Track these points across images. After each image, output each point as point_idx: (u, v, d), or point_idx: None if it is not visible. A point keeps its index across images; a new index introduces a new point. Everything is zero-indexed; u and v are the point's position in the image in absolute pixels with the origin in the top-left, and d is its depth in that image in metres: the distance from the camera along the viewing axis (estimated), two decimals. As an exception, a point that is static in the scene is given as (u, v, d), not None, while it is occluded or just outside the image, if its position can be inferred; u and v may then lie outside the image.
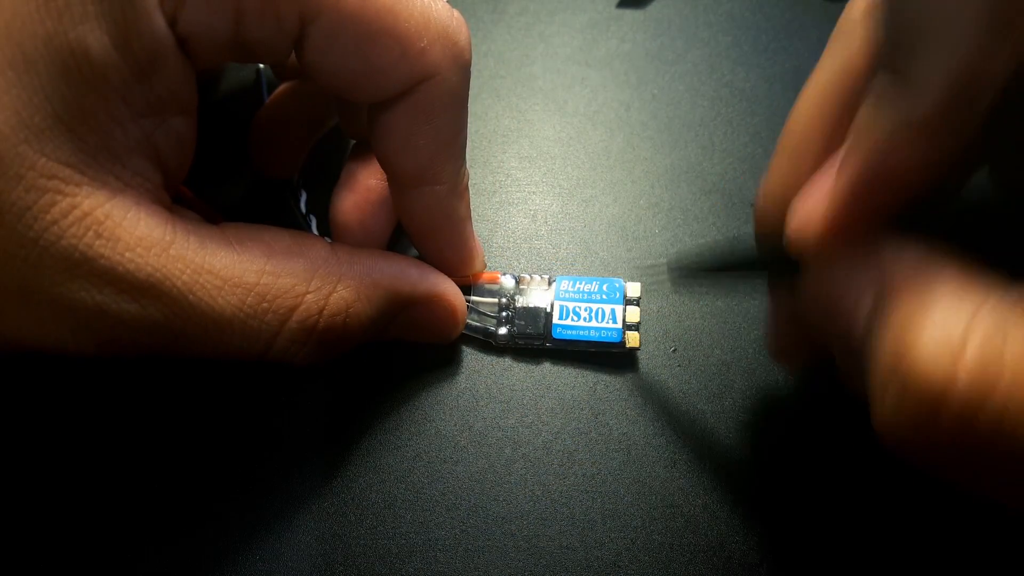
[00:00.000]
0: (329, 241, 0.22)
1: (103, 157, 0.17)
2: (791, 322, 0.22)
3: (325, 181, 0.26)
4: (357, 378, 0.25)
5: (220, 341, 0.19)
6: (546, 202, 0.29)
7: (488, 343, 0.25)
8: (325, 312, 0.20)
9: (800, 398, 0.25)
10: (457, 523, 0.23)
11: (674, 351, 0.25)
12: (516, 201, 0.29)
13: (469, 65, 0.22)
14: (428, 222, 0.23)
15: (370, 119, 0.22)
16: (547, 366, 0.25)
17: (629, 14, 0.34)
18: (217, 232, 0.20)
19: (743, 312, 0.26)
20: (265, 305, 0.19)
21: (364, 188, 0.25)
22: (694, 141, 0.30)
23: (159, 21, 0.17)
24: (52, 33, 0.16)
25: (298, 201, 0.28)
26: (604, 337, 0.24)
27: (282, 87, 0.27)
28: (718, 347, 0.26)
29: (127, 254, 0.17)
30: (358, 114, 0.25)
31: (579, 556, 0.22)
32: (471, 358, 0.25)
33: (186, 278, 0.18)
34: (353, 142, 0.27)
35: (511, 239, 0.28)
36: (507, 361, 0.25)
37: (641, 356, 0.25)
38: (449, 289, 0.24)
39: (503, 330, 0.25)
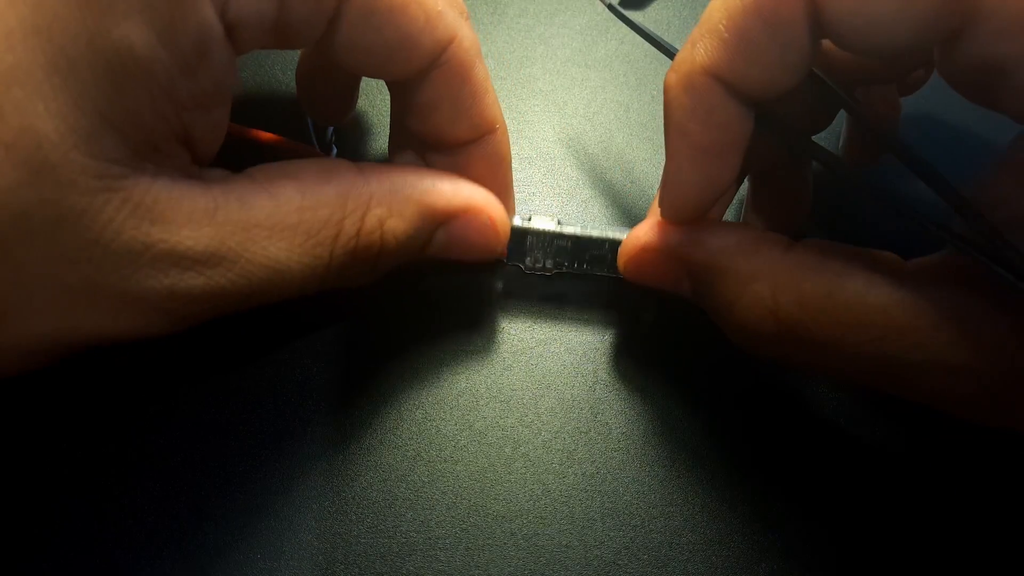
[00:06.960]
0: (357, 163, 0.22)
1: (145, 148, 0.18)
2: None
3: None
4: (357, 377, 0.25)
5: (283, 285, 0.20)
6: (546, 202, 0.29)
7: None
8: (362, 232, 0.21)
9: (798, 397, 0.25)
10: (457, 522, 0.23)
11: (673, 351, 0.26)
12: (516, 201, 0.29)
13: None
14: (489, 170, 0.24)
15: (408, 99, 0.22)
16: (547, 366, 0.25)
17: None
18: (249, 183, 0.20)
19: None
20: (312, 241, 0.20)
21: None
22: (693, 142, 0.30)
23: (208, 12, 0.17)
24: (94, 33, 0.16)
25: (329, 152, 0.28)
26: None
27: None
28: (716, 347, 0.26)
29: (183, 232, 0.18)
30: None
31: (579, 554, 0.22)
32: (471, 358, 0.25)
33: (238, 238, 0.19)
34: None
35: (511, 239, 0.28)
36: (507, 361, 0.25)
37: (640, 356, 0.25)
38: (486, 199, 0.23)
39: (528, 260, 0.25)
